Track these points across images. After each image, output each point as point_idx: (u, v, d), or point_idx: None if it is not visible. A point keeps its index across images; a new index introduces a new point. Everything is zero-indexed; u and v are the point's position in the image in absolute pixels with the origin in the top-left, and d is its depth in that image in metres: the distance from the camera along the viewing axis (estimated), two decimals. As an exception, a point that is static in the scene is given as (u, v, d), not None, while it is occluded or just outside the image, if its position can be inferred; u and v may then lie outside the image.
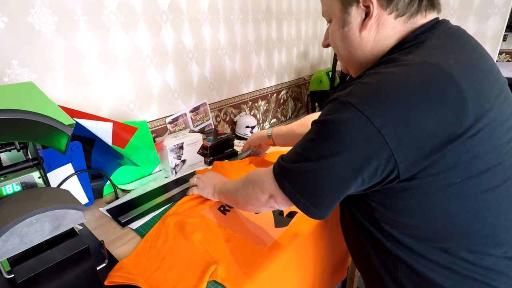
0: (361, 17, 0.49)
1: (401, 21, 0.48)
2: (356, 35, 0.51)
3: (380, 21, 0.48)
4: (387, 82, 0.43)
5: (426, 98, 0.41)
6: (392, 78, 0.43)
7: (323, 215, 0.50)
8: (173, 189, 0.94)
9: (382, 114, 0.41)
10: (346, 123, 0.42)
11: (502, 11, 1.41)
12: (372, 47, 0.51)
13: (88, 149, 0.87)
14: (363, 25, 0.49)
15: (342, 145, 0.43)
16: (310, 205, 0.49)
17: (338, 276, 0.86)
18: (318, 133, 0.47)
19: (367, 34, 0.50)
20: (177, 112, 1.20)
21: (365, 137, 0.42)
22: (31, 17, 0.77)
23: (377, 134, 0.41)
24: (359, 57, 0.53)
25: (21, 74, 0.79)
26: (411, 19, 0.48)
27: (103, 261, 0.60)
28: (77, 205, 0.49)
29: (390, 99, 0.42)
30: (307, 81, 1.98)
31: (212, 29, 1.26)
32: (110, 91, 0.98)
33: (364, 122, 0.41)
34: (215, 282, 0.58)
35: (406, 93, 0.41)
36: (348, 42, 0.53)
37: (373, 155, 0.42)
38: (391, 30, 0.49)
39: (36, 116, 0.46)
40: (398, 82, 0.43)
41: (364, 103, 0.42)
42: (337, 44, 0.55)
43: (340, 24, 0.52)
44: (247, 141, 1.09)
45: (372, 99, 0.42)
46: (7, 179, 0.54)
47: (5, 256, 0.44)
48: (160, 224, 0.74)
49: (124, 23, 0.96)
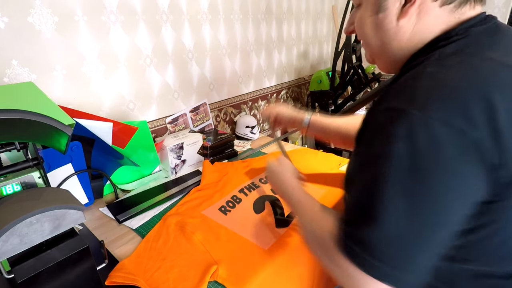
0: (400, 3, 0.43)
1: (447, 10, 0.42)
2: (393, 23, 0.44)
3: (423, 8, 0.42)
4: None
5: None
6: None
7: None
8: (172, 188, 0.94)
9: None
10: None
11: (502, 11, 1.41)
12: (409, 38, 0.44)
13: (88, 149, 0.87)
14: (402, 11, 0.43)
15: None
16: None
17: (339, 276, 0.86)
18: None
19: (406, 22, 0.43)
20: (177, 112, 1.20)
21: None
22: (31, 17, 0.77)
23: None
24: (394, 49, 0.46)
25: (21, 74, 0.79)
26: (459, 9, 0.41)
27: (103, 261, 0.60)
28: (77, 205, 0.49)
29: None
30: (307, 81, 1.98)
31: (212, 29, 1.26)
32: (110, 91, 0.98)
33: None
34: (215, 282, 0.58)
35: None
36: (383, 31, 0.45)
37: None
38: (434, 19, 0.42)
39: (36, 116, 0.46)
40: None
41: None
42: (367, 32, 0.48)
43: (374, 10, 0.45)
44: (276, 114, 0.87)
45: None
46: (7, 179, 0.54)
47: (5, 256, 0.43)
48: (160, 224, 0.74)
49: (124, 23, 0.96)
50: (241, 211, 0.79)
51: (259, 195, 0.86)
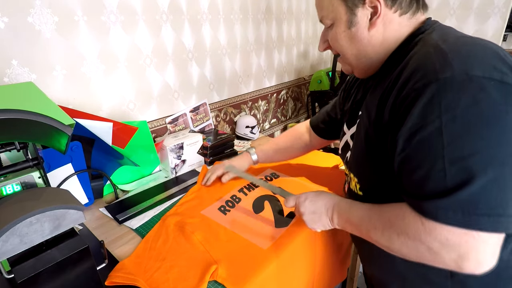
0: (367, 17, 0.52)
1: (406, 18, 0.52)
2: (364, 34, 0.53)
3: (386, 19, 0.52)
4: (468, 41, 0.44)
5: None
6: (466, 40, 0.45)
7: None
8: (172, 188, 0.94)
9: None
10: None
11: (502, 11, 1.41)
12: (382, 42, 0.53)
13: (88, 149, 0.87)
14: (370, 23, 0.52)
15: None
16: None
17: (338, 276, 0.86)
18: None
19: (376, 31, 0.52)
20: (177, 112, 1.20)
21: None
22: (31, 17, 0.77)
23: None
24: (370, 53, 0.55)
25: (21, 74, 0.79)
26: (414, 16, 0.52)
27: (103, 261, 0.60)
28: (77, 205, 0.49)
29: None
30: (307, 81, 1.98)
31: (212, 29, 1.26)
32: (110, 91, 0.98)
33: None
34: (215, 282, 0.58)
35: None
36: (357, 41, 0.54)
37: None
38: (398, 25, 0.52)
39: (36, 116, 0.46)
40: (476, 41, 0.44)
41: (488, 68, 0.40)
42: (342, 44, 0.56)
43: (346, 26, 0.54)
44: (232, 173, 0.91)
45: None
46: (7, 179, 0.54)
47: (5, 256, 0.44)
48: (160, 225, 0.74)
49: (124, 23, 0.96)
50: (240, 211, 0.79)
51: (258, 195, 0.86)
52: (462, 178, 0.38)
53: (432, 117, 0.40)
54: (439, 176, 0.40)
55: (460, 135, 0.39)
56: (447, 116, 0.39)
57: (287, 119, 1.92)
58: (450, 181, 0.39)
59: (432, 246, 0.42)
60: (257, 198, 0.84)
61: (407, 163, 0.44)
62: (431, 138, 0.41)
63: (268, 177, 0.96)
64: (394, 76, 0.48)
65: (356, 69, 0.60)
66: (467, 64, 0.40)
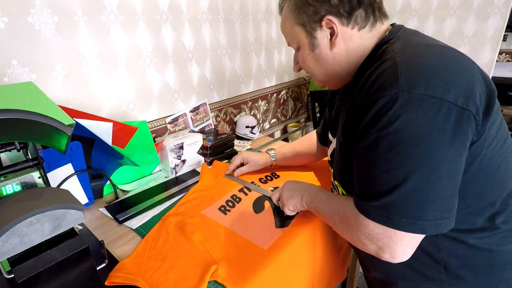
0: (327, 37, 0.54)
1: (365, 32, 0.54)
2: (328, 54, 0.55)
3: (346, 37, 0.53)
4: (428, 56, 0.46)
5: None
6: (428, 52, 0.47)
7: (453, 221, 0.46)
8: (172, 188, 0.94)
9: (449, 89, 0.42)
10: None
11: (502, 11, 1.41)
12: (347, 58, 0.55)
13: (88, 149, 0.87)
14: (331, 43, 0.54)
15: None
16: (438, 219, 0.44)
17: (338, 276, 0.86)
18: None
19: (338, 49, 0.55)
20: (177, 112, 1.20)
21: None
22: (31, 17, 0.77)
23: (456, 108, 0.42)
24: (337, 70, 0.57)
25: (21, 74, 0.79)
26: (373, 28, 0.54)
27: (103, 261, 0.60)
28: (77, 205, 0.49)
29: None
30: (307, 81, 1.98)
31: (212, 29, 1.26)
32: (110, 91, 0.98)
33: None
34: (215, 282, 0.58)
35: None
36: (323, 61, 0.57)
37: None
38: (360, 40, 0.54)
39: (36, 116, 0.46)
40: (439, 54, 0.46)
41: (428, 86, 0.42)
42: (310, 66, 0.59)
43: (310, 48, 0.57)
44: (249, 165, 0.96)
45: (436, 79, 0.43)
46: (7, 179, 0.54)
47: (5, 256, 0.44)
48: (160, 225, 0.74)
49: (124, 23, 0.96)
50: (241, 211, 0.79)
51: (259, 194, 0.86)
52: (387, 187, 0.45)
53: (373, 131, 0.45)
54: (371, 182, 0.47)
55: (389, 150, 0.44)
56: (384, 131, 0.44)
57: (287, 119, 1.92)
58: (378, 187, 0.46)
59: (360, 236, 0.50)
60: (257, 198, 0.84)
61: (354, 166, 0.52)
62: (370, 148, 0.46)
63: (269, 177, 0.96)
64: (357, 89, 0.51)
65: (327, 84, 0.63)
66: (412, 80, 0.42)
